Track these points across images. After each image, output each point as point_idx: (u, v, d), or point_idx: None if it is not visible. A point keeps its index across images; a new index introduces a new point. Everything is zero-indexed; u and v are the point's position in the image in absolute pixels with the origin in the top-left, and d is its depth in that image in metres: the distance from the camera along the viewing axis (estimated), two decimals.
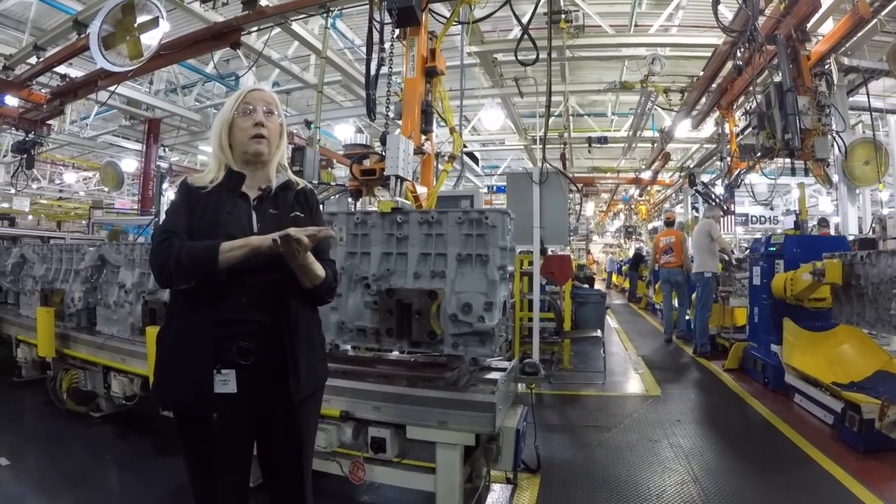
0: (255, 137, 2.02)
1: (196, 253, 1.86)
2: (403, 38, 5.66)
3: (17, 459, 4.45)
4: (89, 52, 6.55)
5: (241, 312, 1.91)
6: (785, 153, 6.90)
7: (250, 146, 2.03)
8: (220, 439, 1.92)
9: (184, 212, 1.98)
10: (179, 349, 1.93)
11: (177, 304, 2.01)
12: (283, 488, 2.14)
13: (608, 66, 11.87)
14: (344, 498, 3.76)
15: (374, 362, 3.77)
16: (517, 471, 3.84)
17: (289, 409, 2.00)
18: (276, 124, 2.10)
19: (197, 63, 11.83)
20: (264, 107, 2.06)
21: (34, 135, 10.48)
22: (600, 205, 28.04)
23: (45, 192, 23.14)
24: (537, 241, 6.10)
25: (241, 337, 1.90)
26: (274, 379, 1.96)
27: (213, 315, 1.88)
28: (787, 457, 4.46)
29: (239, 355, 1.89)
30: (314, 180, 5.70)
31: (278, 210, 2.08)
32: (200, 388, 1.86)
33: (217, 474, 1.96)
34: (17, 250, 6.86)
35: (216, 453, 1.94)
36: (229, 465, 1.98)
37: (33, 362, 5.95)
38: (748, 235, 19.95)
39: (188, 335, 1.91)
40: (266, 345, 1.94)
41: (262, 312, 1.94)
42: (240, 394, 1.88)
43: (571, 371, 7.59)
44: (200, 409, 1.89)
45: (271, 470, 2.13)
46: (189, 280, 1.88)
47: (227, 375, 1.87)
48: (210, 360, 1.87)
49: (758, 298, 7.01)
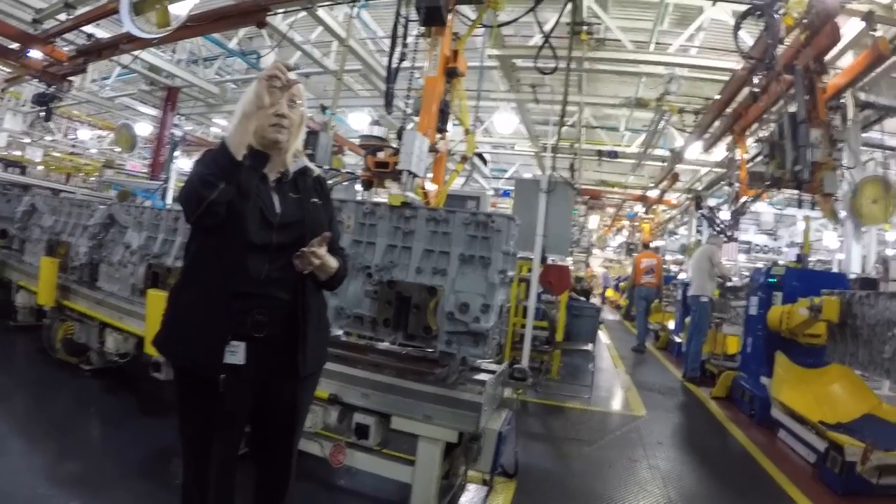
0: (274, 126, 2.04)
1: (210, 157, 1.90)
2: (428, 36, 5.70)
3: (4, 401, 4.56)
4: (118, 14, 6.58)
5: (260, 287, 1.97)
6: (793, 185, 6.87)
7: (269, 133, 2.04)
8: (222, 405, 1.96)
9: None
10: (196, 313, 1.98)
11: (198, 269, 2.03)
12: (272, 460, 2.20)
13: (625, 81, 11.84)
14: (320, 479, 3.81)
15: (367, 350, 3.83)
16: (494, 474, 3.88)
17: (290, 385, 2.09)
18: (299, 114, 2.12)
19: (221, 37, 11.87)
20: (289, 96, 2.06)
21: (55, 89, 10.55)
22: (605, 219, 27.96)
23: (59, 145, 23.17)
24: (538, 249, 6.14)
25: (256, 310, 1.95)
26: (281, 354, 2.02)
27: (233, 286, 1.93)
28: (765, 491, 4.48)
29: (252, 327, 1.94)
30: (325, 165, 5.75)
31: (299, 195, 2.13)
32: (211, 354, 1.91)
33: (213, 437, 2.01)
34: (28, 199, 6.93)
35: (215, 415, 1.99)
36: (224, 435, 2.03)
37: (31, 309, 6.05)
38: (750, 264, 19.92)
39: (206, 302, 1.95)
40: (279, 320, 2.00)
41: (280, 289, 2.00)
42: (246, 366, 1.93)
43: (559, 382, 7.60)
44: (208, 371, 1.93)
45: (263, 441, 2.20)
46: (214, 186, 1.84)
47: (236, 347, 1.92)
48: (225, 329, 1.92)
49: (752, 328, 7.01)
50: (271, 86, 1.90)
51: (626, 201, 21.41)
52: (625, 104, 11.69)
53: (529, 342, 6.41)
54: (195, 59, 13.27)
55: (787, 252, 18.85)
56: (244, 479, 2.19)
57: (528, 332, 6.34)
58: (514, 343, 7.19)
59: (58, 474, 3.46)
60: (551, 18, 6.07)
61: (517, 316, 7.26)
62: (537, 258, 6.16)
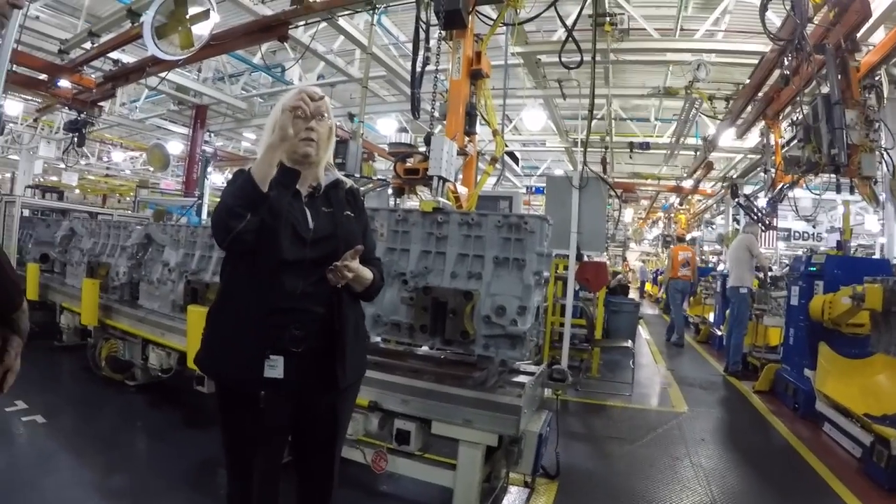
0: (304, 140, 2.05)
1: (236, 190, 1.92)
2: (450, 40, 5.70)
3: (52, 418, 4.65)
4: (142, 39, 6.75)
5: (296, 302, 1.98)
6: (830, 169, 6.70)
7: (300, 147, 2.05)
8: (262, 419, 1.99)
9: None
10: (234, 330, 2.00)
11: (235, 288, 2.07)
12: (313, 470, 2.22)
13: (652, 71, 11.71)
14: (363, 485, 3.82)
15: (406, 356, 3.86)
16: (536, 475, 3.87)
17: (330, 397, 2.10)
18: (326, 127, 2.14)
19: (245, 53, 12.04)
20: (316, 111, 2.08)
21: (86, 115, 10.86)
22: (639, 212, 27.65)
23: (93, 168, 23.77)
24: (573, 247, 6.09)
25: (293, 325, 1.97)
26: (320, 367, 2.03)
27: (270, 303, 1.95)
28: (809, 487, 4.37)
29: (290, 342, 1.96)
30: (356, 173, 5.79)
31: (332, 208, 2.14)
32: (251, 370, 1.94)
33: (256, 450, 2.04)
34: (66, 223, 7.12)
35: (257, 430, 2.02)
36: (265, 447, 2.06)
37: (75, 329, 6.23)
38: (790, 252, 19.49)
39: (244, 318, 1.98)
40: (316, 334, 2.01)
41: (316, 303, 2.01)
42: (286, 379, 1.96)
43: (599, 380, 7.54)
44: (248, 387, 1.97)
45: (304, 452, 2.22)
46: (241, 217, 1.87)
47: (275, 361, 1.94)
48: (263, 344, 1.94)
49: (794, 319, 6.84)
50: (295, 116, 1.93)
51: (661, 193, 21.18)
52: (653, 94, 11.51)
53: (568, 341, 6.36)
54: (221, 76, 13.48)
55: (827, 238, 18.44)
56: (287, 488, 2.21)
57: (566, 331, 6.29)
58: (552, 342, 7.15)
59: (106, 487, 3.55)
60: (573, 12, 6.01)
61: (555, 315, 7.21)
62: (573, 255, 6.11)
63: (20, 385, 4.69)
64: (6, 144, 18.75)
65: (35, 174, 17.82)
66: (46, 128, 16.88)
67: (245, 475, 2.05)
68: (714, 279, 12.65)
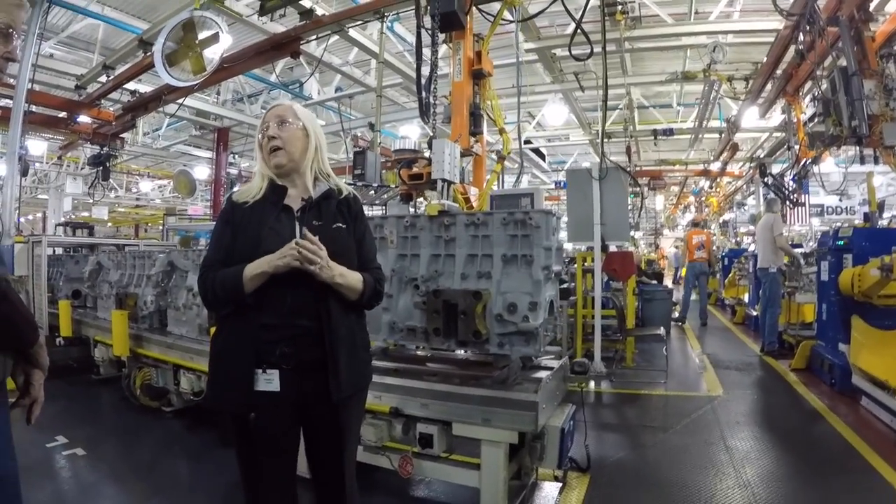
0: (271, 152, 2.12)
1: (226, 283, 1.99)
2: (449, 42, 5.72)
3: (92, 450, 4.75)
4: (155, 68, 6.88)
5: (284, 318, 2.00)
6: (852, 141, 6.57)
7: (270, 161, 2.13)
8: (261, 434, 2.03)
9: (224, 236, 2.10)
10: (227, 352, 2.05)
11: (227, 315, 2.10)
12: (325, 483, 2.23)
13: (671, 57, 11.58)
14: (395, 491, 3.85)
15: (427, 360, 3.88)
16: (566, 469, 3.86)
17: (330, 409, 2.08)
18: (293, 131, 2.16)
19: (261, 72, 12.19)
20: (276, 120, 2.13)
21: (108, 148, 11.11)
22: (670, 198, 27.30)
23: (123, 200, 24.32)
24: (598, 238, 6.06)
25: (283, 341, 1.99)
26: (315, 380, 2.03)
27: (258, 319, 1.99)
28: (846, 464, 4.26)
29: (281, 359, 1.99)
30: (375, 183, 5.83)
31: (322, 221, 2.13)
32: (243, 389, 1.97)
33: (262, 466, 2.08)
34: (93, 258, 7.29)
35: (256, 448, 2.06)
36: (272, 460, 2.09)
37: (110, 361, 6.33)
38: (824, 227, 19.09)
39: (234, 339, 2.03)
40: (308, 348, 2.02)
41: (305, 318, 2.02)
42: (283, 393, 1.99)
43: (634, 369, 7.48)
44: (242, 409, 2.01)
45: (314, 465, 2.23)
46: (227, 306, 2.04)
47: (271, 375, 1.98)
48: (252, 361, 1.98)
49: (826, 295, 6.73)
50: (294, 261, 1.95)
51: (689, 178, 20.95)
52: (671, 80, 11.40)
53: (600, 333, 6.31)
54: (240, 97, 13.64)
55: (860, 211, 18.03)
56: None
57: (597, 323, 6.26)
58: (585, 335, 7.11)
59: None
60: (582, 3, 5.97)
61: (586, 308, 7.18)
62: (597, 247, 6.08)
63: (60, 420, 4.88)
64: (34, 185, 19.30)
65: (65, 211, 18.32)
66: (72, 164, 17.32)
67: (257, 487, 2.10)
68: (747, 260, 12.46)
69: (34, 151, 14.93)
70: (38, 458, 4.54)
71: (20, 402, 1.72)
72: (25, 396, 1.72)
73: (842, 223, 13.50)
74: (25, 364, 1.71)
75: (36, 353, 1.70)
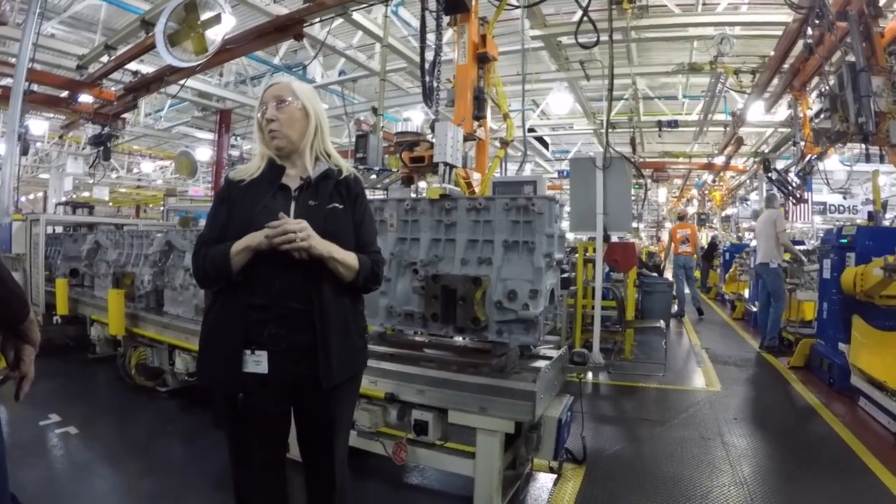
0: (270, 133, 2.07)
1: (215, 260, 1.97)
2: (454, 25, 5.65)
3: (85, 428, 4.73)
4: (157, 49, 6.81)
5: (274, 299, 1.95)
6: (858, 138, 6.49)
7: (269, 144, 2.09)
8: (249, 416, 2.00)
9: (219, 214, 2.07)
10: (216, 330, 2.02)
11: (218, 290, 2.09)
12: (316, 469, 2.19)
13: (677, 48, 11.44)
14: (388, 478, 3.82)
15: (425, 346, 3.84)
16: (562, 461, 3.82)
17: (321, 396, 2.03)
18: (292, 111, 2.10)
19: (265, 55, 12.11)
20: (274, 101, 2.07)
21: (109, 128, 11.06)
22: (673, 191, 27.23)
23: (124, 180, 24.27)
24: (600, 228, 6.00)
25: (272, 323, 1.94)
26: (306, 365, 1.98)
27: (248, 300, 1.95)
28: (842, 465, 4.21)
29: (269, 341, 1.94)
30: (377, 166, 5.77)
31: (318, 201, 2.08)
32: (231, 368, 1.94)
33: (251, 446, 2.05)
34: (91, 237, 7.24)
35: (246, 430, 2.03)
36: (261, 441, 2.06)
37: (106, 340, 6.32)
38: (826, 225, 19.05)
39: (224, 318, 2.00)
40: (298, 331, 1.97)
41: (295, 300, 1.97)
42: (272, 374, 1.95)
43: (632, 361, 7.43)
44: (230, 388, 1.98)
45: (305, 450, 2.20)
46: (217, 283, 2.05)
47: (259, 356, 1.94)
48: (241, 341, 1.93)
49: (827, 293, 6.65)
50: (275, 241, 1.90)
51: (692, 171, 20.88)
52: (678, 71, 11.23)
53: (599, 324, 6.27)
54: (243, 79, 13.54)
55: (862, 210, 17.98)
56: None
57: (597, 314, 6.21)
58: (584, 325, 7.06)
59: (136, 491, 3.61)
60: None
61: (586, 298, 7.13)
62: (599, 237, 6.02)
63: (54, 398, 4.85)
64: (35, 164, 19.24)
65: (66, 191, 18.27)
66: (73, 144, 17.25)
67: (246, 467, 2.08)
68: (749, 255, 12.43)
69: (35, 131, 14.86)
70: (31, 435, 4.51)
71: (10, 376, 1.68)
72: (15, 371, 1.68)
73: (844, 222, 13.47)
74: (16, 339, 1.67)
75: (26, 329, 1.67)
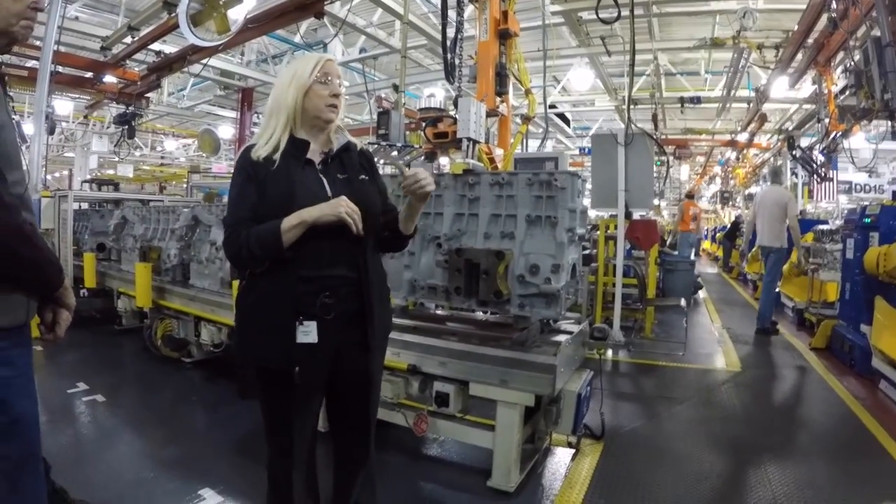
0: (330, 106, 2.08)
1: (263, 239, 1.93)
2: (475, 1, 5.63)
3: (112, 396, 4.87)
4: (180, 29, 6.86)
5: (323, 269, 2.00)
6: (884, 115, 6.38)
7: (325, 113, 2.08)
8: (299, 387, 2.03)
9: (248, 193, 2.03)
10: (263, 307, 2.02)
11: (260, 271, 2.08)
12: (350, 433, 2.27)
13: (699, 22, 11.25)
14: (408, 449, 3.89)
15: (447, 320, 3.88)
16: (580, 436, 3.86)
17: (362, 357, 2.13)
18: (342, 93, 2.18)
19: (285, 33, 12.11)
20: (338, 79, 2.12)
21: (133, 107, 11.23)
22: (696, 168, 26.92)
23: (148, 158, 24.54)
24: (622, 205, 5.98)
25: (323, 292, 1.98)
26: (352, 329, 2.07)
27: (297, 272, 1.97)
28: (860, 447, 4.19)
29: (321, 310, 1.98)
30: (399, 143, 5.81)
31: (347, 173, 2.13)
32: (284, 342, 1.96)
33: (293, 420, 2.09)
34: (118, 212, 7.37)
35: (294, 401, 2.07)
36: (305, 410, 2.12)
37: (132, 312, 6.50)
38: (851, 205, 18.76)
39: (273, 293, 2.00)
40: (347, 298, 2.04)
41: (343, 268, 2.03)
42: (320, 344, 1.98)
43: (652, 340, 7.41)
44: (283, 363, 2.00)
45: (340, 416, 2.26)
46: (262, 264, 2.00)
47: (308, 327, 1.97)
48: (293, 314, 1.96)
49: (850, 273, 6.57)
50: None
51: (715, 148, 20.62)
52: (700, 46, 11.10)
53: (620, 301, 6.28)
54: (264, 58, 13.59)
55: (888, 189, 17.67)
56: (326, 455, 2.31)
57: (618, 291, 6.21)
58: (605, 303, 7.07)
59: (160, 458, 3.69)
60: None
61: (607, 275, 7.12)
62: (621, 214, 6.01)
63: (81, 367, 4.99)
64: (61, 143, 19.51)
65: (91, 168, 18.50)
66: (98, 123, 17.46)
67: (283, 439, 2.11)
68: None
69: (61, 111, 15.13)
70: (59, 402, 4.66)
71: (45, 338, 1.74)
72: (50, 333, 1.74)
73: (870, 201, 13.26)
74: (53, 304, 1.73)
75: (62, 295, 1.73)
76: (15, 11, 1.63)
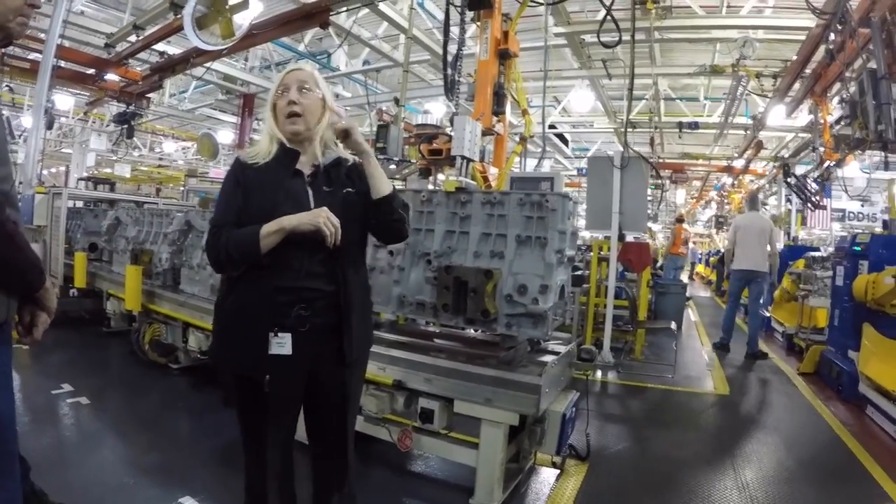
0: (289, 117, 2.07)
1: (241, 242, 1.95)
2: (477, 21, 5.67)
3: (97, 399, 4.84)
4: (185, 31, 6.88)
5: (301, 281, 2.00)
6: (878, 146, 6.46)
7: (286, 126, 2.08)
8: (272, 398, 2.03)
9: (235, 197, 2.05)
10: (240, 314, 2.03)
11: (237, 278, 2.08)
12: (328, 447, 2.26)
13: (700, 49, 11.41)
14: (392, 464, 3.88)
15: (434, 336, 3.89)
16: (565, 456, 3.85)
17: (339, 372, 2.12)
18: (314, 99, 2.11)
19: (290, 41, 12.16)
20: (297, 84, 2.09)
21: (134, 107, 11.22)
22: (692, 192, 27.06)
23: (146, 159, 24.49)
24: (615, 227, 6.01)
25: (299, 304, 1.99)
26: (327, 343, 2.06)
27: (274, 283, 1.98)
28: (848, 473, 4.21)
29: (296, 321, 1.98)
30: (396, 157, 5.82)
31: (332, 187, 2.12)
32: (257, 351, 1.97)
33: (267, 431, 2.09)
34: (112, 213, 7.36)
35: (267, 411, 2.06)
36: (278, 422, 2.11)
37: (121, 315, 6.44)
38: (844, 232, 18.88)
39: (249, 302, 2.01)
40: (323, 312, 2.03)
41: (321, 281, 2.03)
42: (294, 356, 1.99)
43: (642, 362, 7.42)
44: (255, 371, 2.01)
45: (316, 430, 2.26)
46: (238, 267, 2.01)
47: (283, 339, 1.97)
48: (268, 324, 1.97)
49: (839, 300, 6.64)
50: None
51: (711, 173, 20.76)
52: (699, 72, 11.19)
53: (611, 322, 6.29)
54: (268, 64, 13.60)
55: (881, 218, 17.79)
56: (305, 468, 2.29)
57: (608, 313, 6.23)
58: (596, 324, 7.07)
59: (142, 464, 3.67)
60: None
61: (599, 296, 7.14)
62: (614, 236, 6.03)
63: (67, 368, 4.95)
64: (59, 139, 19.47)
65: (88, 166, 18.47)
66: (97, 121, 17.44)
67: (258, 448, 2.12)
68: None
69: (61, 106, 15.04)
70: (43, 403, 4.64)
71: (22, 342, 1.74)
72: (27, 336, 1.74)
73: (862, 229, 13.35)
74: (32, 306, 1.73)
75: (42, 297, 1.72)
76: (12, 7, 1.64)
